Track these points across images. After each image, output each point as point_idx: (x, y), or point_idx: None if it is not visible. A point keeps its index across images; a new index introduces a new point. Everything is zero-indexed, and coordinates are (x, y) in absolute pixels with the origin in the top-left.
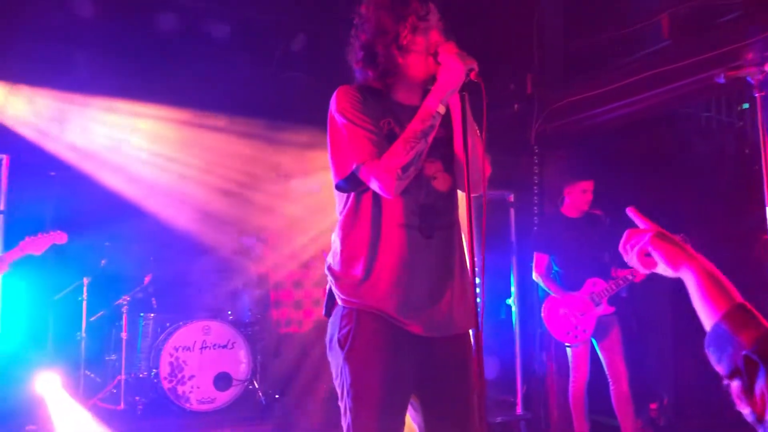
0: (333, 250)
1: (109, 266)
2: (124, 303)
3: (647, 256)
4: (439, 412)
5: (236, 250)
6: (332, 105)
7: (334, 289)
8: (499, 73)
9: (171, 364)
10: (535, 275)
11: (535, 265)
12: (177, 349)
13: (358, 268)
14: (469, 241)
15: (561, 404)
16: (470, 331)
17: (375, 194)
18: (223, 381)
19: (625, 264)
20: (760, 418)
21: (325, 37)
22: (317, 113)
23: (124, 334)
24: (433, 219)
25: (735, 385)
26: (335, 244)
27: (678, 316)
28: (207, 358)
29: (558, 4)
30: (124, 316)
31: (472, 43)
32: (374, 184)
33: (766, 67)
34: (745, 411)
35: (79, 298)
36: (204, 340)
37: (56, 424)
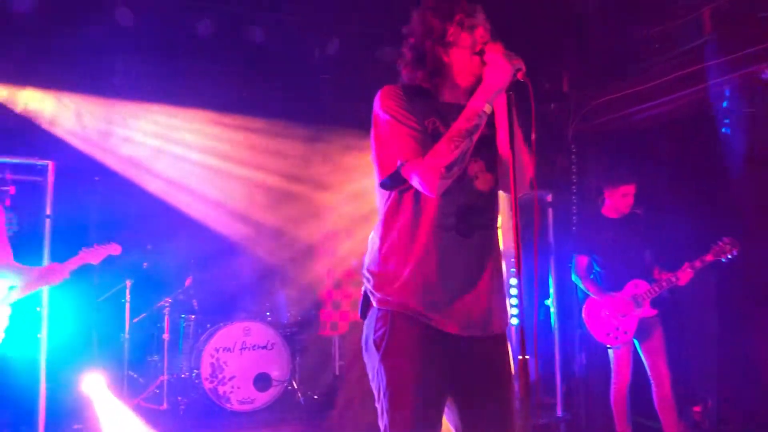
0: (370, 249)
1: (151, 269)
2: (166, 305)
3: None
4: (476, 412)
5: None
6: (376, 104)
7: (370, 290)
8: (535, 71)
9: (212, 364)
10: (575, 276)
11: (575, 266)
12: (218, 350)
13: (395, 265)
14: (515, 242)
15: (602, 406)
16: (506, 331)
17: (416, 192)
18: (262, 382)
19: (667, 264)
20: None
21: (359, 41)
22: (352, 116)
23: (166, 335)
24: (473, 219)
25: None
26: (373, 243)
27: (723, 318)
28: (247, 358)
29: (595, 1)
30: (166, 318)
31: (507, 40)
32: (417, 182)
33: None
34: None
35: (122, 300)
36: (244, 341)
37: (102, 423)
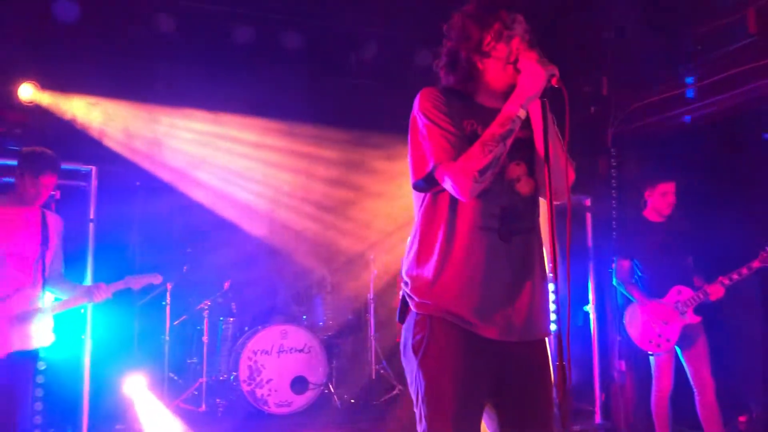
0: (408, 253)
1: (191, 272)
2: (205, 307)
3: None
4: (515, 419)
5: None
6: (415, 105)
7: (408, 293)
8: (574, 74)
9: (250, 367)
10: (617, 281)
11: (616, 270)
12: (255, 353)
13: (432, 268)
14: (551, 248)
15: (642, 414)
16: (547, 338)
17: (452, 195)
18: (299, 385)
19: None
20: None
21: (397, 45)
22: (391, 121)
23: (205, 338)
24: (513, 222)
25: None
26: (410, 246)
27: None
28: (284, 361)
29: (635, 2)
30: (206, 321)
31: (545, 44)
32: (448, 185)
33: None
34: None
35: (163, 303)
36: (281, 344)
37: (143, 424)
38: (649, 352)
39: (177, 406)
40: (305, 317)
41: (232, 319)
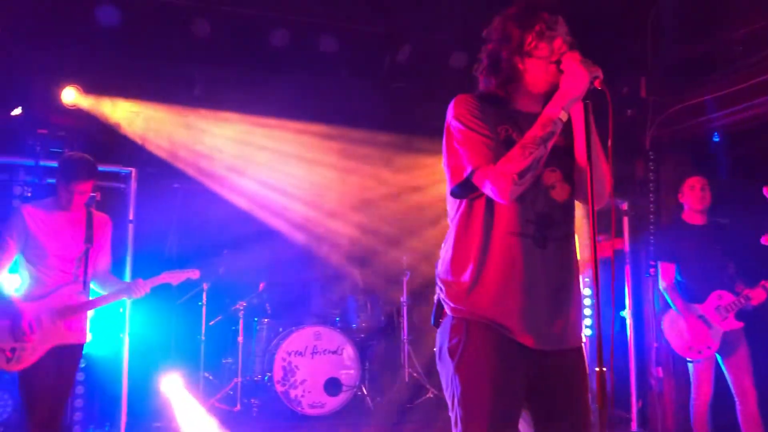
0: (443, 257)
1: (227, 273)
2: (241, 308)
3: None
4: (551, 425)
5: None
6: (449, 112)
7: (443, 298)
8: (613, 76)
9: (284, 368)
10: (662, 285)
11: (662, 274)
12: (289, 354)
13: (468, 274)
14: (592, 254)
15: (680, 422)
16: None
17: (488, 201)
18: (332, 386)
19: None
20: None
21: (432, 48)
22: (424, 124)
23: (240, 338)
24: (549, 229)
25: None
26: (446, 251)
27: None
28: (318, 363)
29: (675, 4)
30: (241, 321)
31: (585, 44)
32: (489, 189)
33: None
34: None
35: (199, 303)
36: (315, 346)
37: (180, 422)
38: (689, 359)
39: (212, 406)
40: (338, 319)
41: (266, 320)
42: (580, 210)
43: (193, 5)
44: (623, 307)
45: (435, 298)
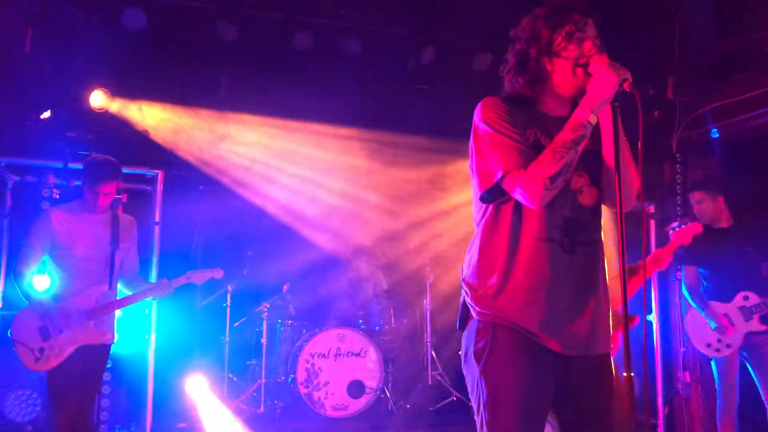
0: (468, 261)
1: (251, 275)
2: (264, 310)
3: None
4: (577, 430)
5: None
6: (476, 115)
7: (469, 302)
8: (640, 78)
9: (307, 369)
10: (685, 288)
11: (684, 277)
12: (313, 356)
13: (495, 279)
14: (621, 259)
15: (708, 428)
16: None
17: (516, 205)
18: (356, 389)
19: None
20: None
21: (454, 50)
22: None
23: (264, 340)
24: (576, 234)
25: None
26: (472, 255)
27: None
28: (341, 365)
29: (702, 4)
30: (264, 323)
31: (612, 46)
32: (519, 195)
33: None
34: None
35: (224, 305)
36: (338, 348)
37: (205, 423)
38: (709, 357)
39: (236, 407)
40: (362, 321)
41: (290, 322)
42: (606, 213)
43: (218, 9)
44: (649, 311)
45: (460, 301)
